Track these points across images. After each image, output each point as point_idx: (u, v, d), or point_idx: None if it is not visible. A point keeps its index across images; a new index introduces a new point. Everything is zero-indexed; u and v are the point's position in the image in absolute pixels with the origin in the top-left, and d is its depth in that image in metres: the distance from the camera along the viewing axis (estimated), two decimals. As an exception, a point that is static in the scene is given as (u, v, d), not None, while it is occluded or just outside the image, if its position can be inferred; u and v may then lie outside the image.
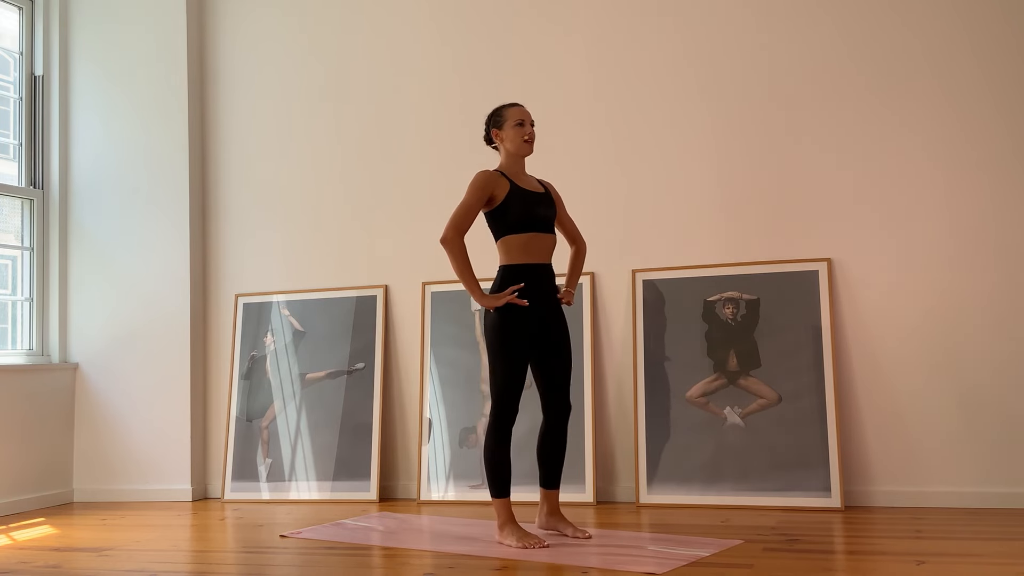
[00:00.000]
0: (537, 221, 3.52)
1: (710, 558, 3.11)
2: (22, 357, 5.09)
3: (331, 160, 5.09)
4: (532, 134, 3.57)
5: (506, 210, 3.49)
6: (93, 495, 5.12)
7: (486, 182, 3.49)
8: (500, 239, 3.54)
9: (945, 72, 4.14)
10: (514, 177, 3.55)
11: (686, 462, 4.26)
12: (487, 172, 3.53)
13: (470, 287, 3.46)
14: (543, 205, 3.56)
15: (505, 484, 3.46)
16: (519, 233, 3.49)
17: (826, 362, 4.14)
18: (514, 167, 3.59)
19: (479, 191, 3.48)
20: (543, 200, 3.58)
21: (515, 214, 3.48)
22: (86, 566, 3.34)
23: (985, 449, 3.98)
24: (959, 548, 3.18)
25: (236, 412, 5.04)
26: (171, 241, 5.16)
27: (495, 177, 3.52)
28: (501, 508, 3.46)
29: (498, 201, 3.50)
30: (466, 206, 3.47)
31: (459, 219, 3.46)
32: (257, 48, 5.27)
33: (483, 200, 3.49)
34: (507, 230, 3.51)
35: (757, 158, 4.38)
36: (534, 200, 3.53)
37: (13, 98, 5.24)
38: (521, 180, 3.57)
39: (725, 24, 4.47)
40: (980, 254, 4.05)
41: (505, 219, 3.50)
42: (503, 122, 3.57)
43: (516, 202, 3.48)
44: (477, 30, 4.88)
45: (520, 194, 3.50)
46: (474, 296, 3.45)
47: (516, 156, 3.58)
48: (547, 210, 3.57)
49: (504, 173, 3.55)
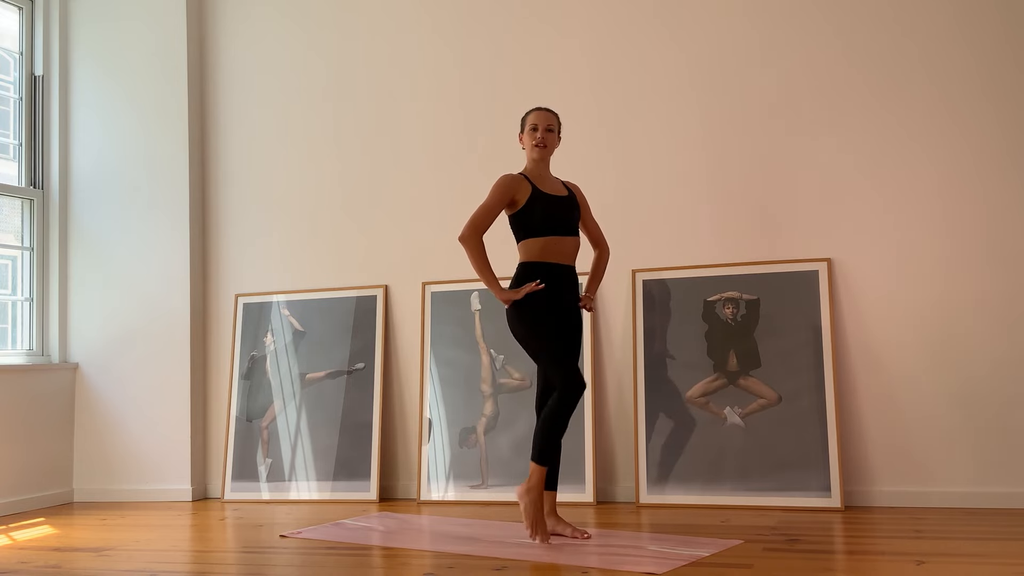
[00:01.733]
0: (559, 225, 3.55)
1: (710, 558, 3.11)
2: (22, 357, 5.09)
3: (331, 160, 5.09)
4: (542, 139, 3.59)
5: (528, 214, 3.52)
6: (93, 495, 5.12)
7: (508, 185, 3.54)
8: (521, 241, 3.58)
9: (944, 74, 4.14)
10: (537, 180, 3.58)
11: (686, 462, 4.26)
12: (510, 175, 3.58)
13: (489, 282, 3.51)
14: (566, 208, 3.59)
15: (556, 454, 3.47)
16: (540, 236, 3.53)
17: (826, 362, 4.14)
18: (536, 170, 3.63)
19: (500, 194, 3.53)
20: (566, 203, 3.60)
21: (537, 218, 3.52)
22: (86, 566, 3.34)
23: (985, 449, 3.98)
24: (959, 548, 3.18)
25: (236, 412, 5.04)
26: (171, 241, 5.16)
27: (517, 180, 3.56)
28: (539, 474, 3.43)
29: (520, 205, 3.53)
30: (486, 208, 3.53)
31: (478, 219, 3.52)
32: (257, 48, 5.27)
33: (504, 203, 3.54)
34: (529, 233, 3.54)
35: (757, 158, 4.38)
36: (556, 203, 3.56)
37: (13, 98, 5.24)
38: (544, 183, 3.59)
39: (725, 24, 4.47)
40: (979, 254, 4.05)
41: (527, 222, 3.53)
42: (523, 126, 3.66)
43: (538, 206, 3.52)
44: (476, 31, 4.87)
45: (542, 198, 3.53)
46: (493, 291, 3.50)
47: (534, 160, 3.63)
48: (570, 213, 3.60)
49: (527, 176, 3.59)
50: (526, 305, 3.48)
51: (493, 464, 4.53)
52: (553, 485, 3.58)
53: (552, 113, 3.67)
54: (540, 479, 3.43)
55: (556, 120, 3.67)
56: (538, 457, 3.43)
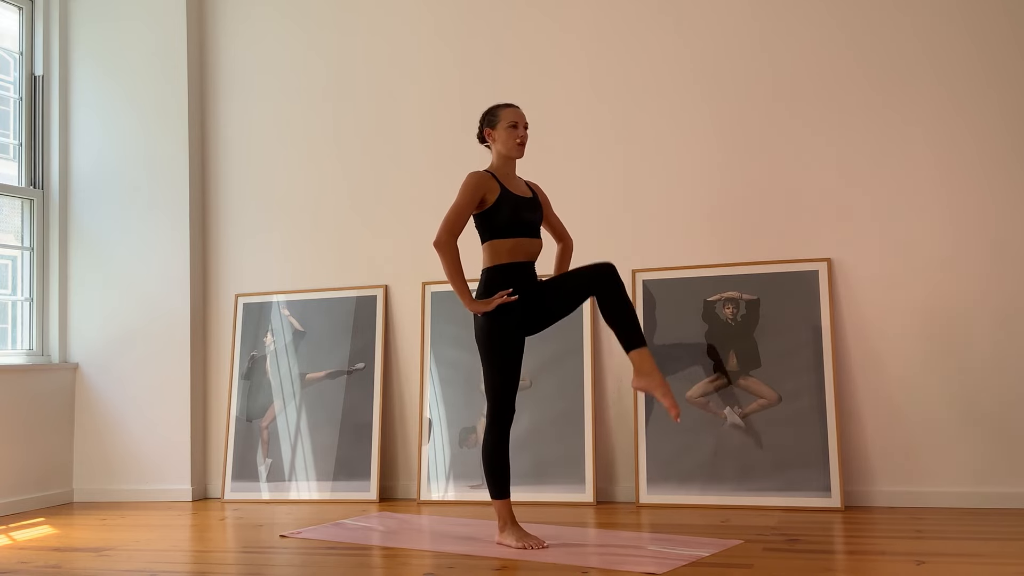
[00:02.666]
0: (524, 226, 3.49)
1: (710, 558, 3.11)
2: (22, 357, 5.09)
3: (331, 160, 5.09)
4: (525, 137, 3.53)
5: (495, 214, 3.45)
6: (93, 495, 5.12)
7: (478, 184, 3.45)
8: (486, 242, 3.50)
9: (946, 73, 4.14)
10: (504, 179, 3.51)
11: (686, 462, 4.26)
12: (479, 173, 3.49)
13: (460, 291, 3.42)
14: (530, 209, 3.53)
15: (504, 485, 3.44)
16: (506, 238, 3.46)
17: (826, 362, 4.14)
18: (504, 168, 3.55)
19: (471, 192, 3.44)
20: (530, 204, 3.54)
21: (503, 218, 3.45)
22: (86, 566, 3.34)
23: (985, 449, 3.98)
24: (959, 548, 3.18)
25: (236, 412, 5.04)
26: (171, 241, 5.16)
27: (486, 179, 3.48)
28: (502, 509, 3.45)
29: (488, 204, 3.46)
30: (458, 208, 3.43)
31: (451, 222, 3.42)
32: (257, 48, 5.27)
33: (475, 202, 3.45)
34: (494, 234, 3.47)
35: (757, 158, 4.38)
36: (522, 205, 3.50)
37: (13, 98, 5.24)
38: (511, 183, 3.53)
39: (725, 24, 4.47)
40: (980, 254, 4.05)
41: (493, 223, 3.46)
42: (497, 122, 3.53)
43: (505, 206, 3.45)
44: (477, 29, 4.87)
45: (509, 199, 3.47)
46: (464, 301, 3.41)
47: (506, 158, 3.54)
48: (534, 214, 3.54)
49: (495, 175, 3.51)
50: (490, 320, 3.41)
51: (493, 464, 4.52)
52: (638, 341, 3.35)
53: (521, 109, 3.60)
54: (504, 512, 3.44)
55: None
56: (491, 492, 3.46)
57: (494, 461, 3.44)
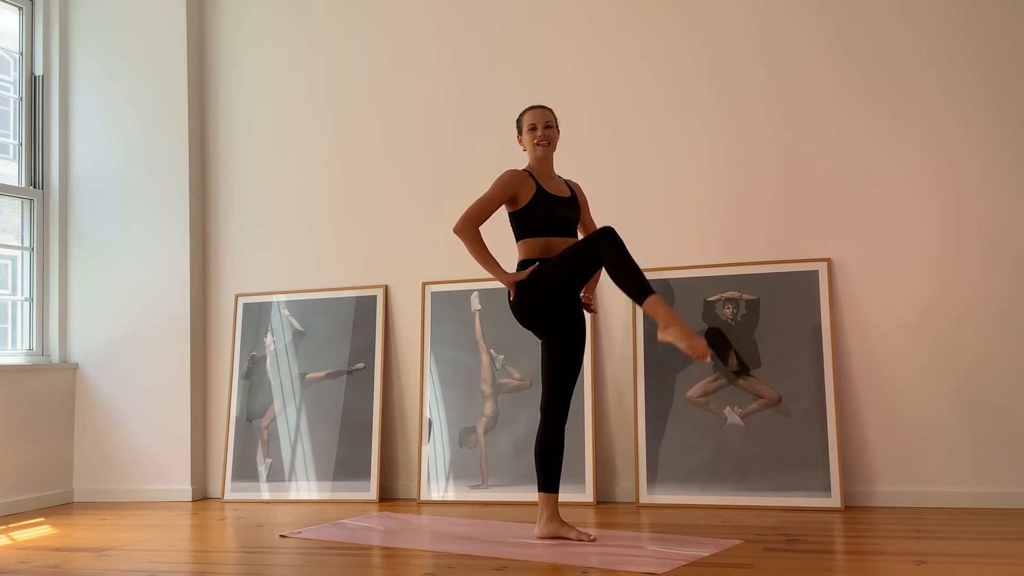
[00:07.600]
0: (561, 226, 3.53)
1: (710, 558, 3.11)
2: (22, 357, 5.09)
3: (331, 160, 5.09)
4: (543, 136, 3.57)
5: (530, 212, 3.50)
6: (93, 495, 5.12)
7: (511, 181, 3.50)
8: (521, 240, 3.55)
9: (945, 74, 4.14)
10: (541, 179, 3.56)
11: (686, 462, 4.26)
12: (514, 171, 3.55)
13: (491, 269, 3.45)
14: (567, 208, 3.57)
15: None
16: (539, 236, 3.51)
17: (826, 362, 4.14)
18: (540, 168, 3.60)
19: (502, 189, 3.49)
20: (568, 203, 3.58)
21: (538, 217, 3.49)
22: (86, 566, 3.34)
23: (985, 449, 3.98)
24: (959, 548, 3.18)
25: (236, 412, 5.04)
26: (171, 241, 5.16)
27: (522, 177, 3.52)
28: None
29: (522, 202, 3.51)
30: (485, 200, 3.49)
31: (475, 211, 3.48)
32: (257, 48, 5.27)
33: (505, 197, 3.50)
34: (529, 232, 3.52)
35: (757, 158, 4.38)
36: (559, 204, 3.54)
37: (13, 98, 5.24)
38: (548, 182, 3.57)
39: (726, 25, 4.47)
40: (980, 254, 4.05)
41: (528, 221, 3.51)
42: (521, 126, 3.63)
43: (540, 205, 3.49)
44: (476, 30, 4.87)
45: (545, 197, 3.51)
46: (496, 275, 3.45)
47: (537, 158, 3.59)
48: (571, 213, 3.58)
49: (532, 174, 3.56)
50: (535, 280, 3.41)
51: (493, 464, 4.53)
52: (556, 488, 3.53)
53: (547, 109, 3.64)
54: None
55: (552, 115, 3.64)
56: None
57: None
